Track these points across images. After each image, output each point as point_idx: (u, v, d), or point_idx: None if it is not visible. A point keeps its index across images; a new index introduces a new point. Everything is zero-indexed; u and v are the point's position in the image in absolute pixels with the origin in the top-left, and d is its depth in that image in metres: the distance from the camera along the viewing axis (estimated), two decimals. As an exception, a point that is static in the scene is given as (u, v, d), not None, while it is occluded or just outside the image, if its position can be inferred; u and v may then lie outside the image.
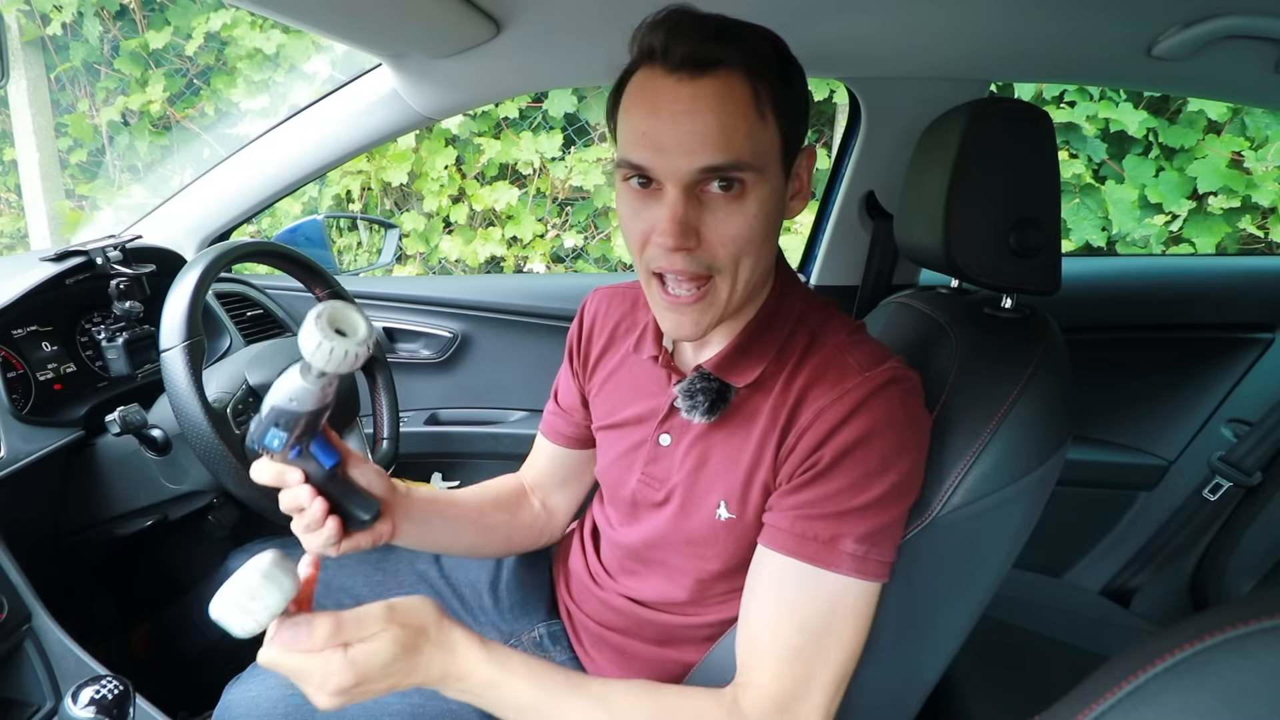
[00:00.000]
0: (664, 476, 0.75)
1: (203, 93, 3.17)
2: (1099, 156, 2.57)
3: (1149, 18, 0.95)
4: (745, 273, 0.63)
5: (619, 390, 0.81)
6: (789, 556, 0.63)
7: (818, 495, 0.63)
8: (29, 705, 0.80)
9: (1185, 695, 0.34)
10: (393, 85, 1.20)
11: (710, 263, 0.61)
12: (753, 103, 0.58)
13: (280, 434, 0.58)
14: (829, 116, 2.70)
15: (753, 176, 0.60)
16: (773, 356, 0.69)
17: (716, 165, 0.58)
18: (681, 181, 0.59)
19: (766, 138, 0.60)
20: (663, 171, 0.59)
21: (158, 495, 1.03)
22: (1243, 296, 1.51)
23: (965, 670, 1.03)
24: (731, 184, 0.59)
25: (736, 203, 0.60)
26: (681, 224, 0.59)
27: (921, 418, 0.67)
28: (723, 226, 0.60)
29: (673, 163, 0.58)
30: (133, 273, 1.07)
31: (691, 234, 0.60)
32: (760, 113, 0.59)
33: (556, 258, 3.10)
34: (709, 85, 0.57)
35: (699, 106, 0.57)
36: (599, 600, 0.84)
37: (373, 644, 0.57)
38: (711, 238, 0.60)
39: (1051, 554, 1.53)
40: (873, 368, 0.65)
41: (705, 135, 0.57)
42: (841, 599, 0.62)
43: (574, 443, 0.90)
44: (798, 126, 0.64)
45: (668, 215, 0.59)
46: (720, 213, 0.60)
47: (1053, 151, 0.78)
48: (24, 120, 3.26)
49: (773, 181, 0.62)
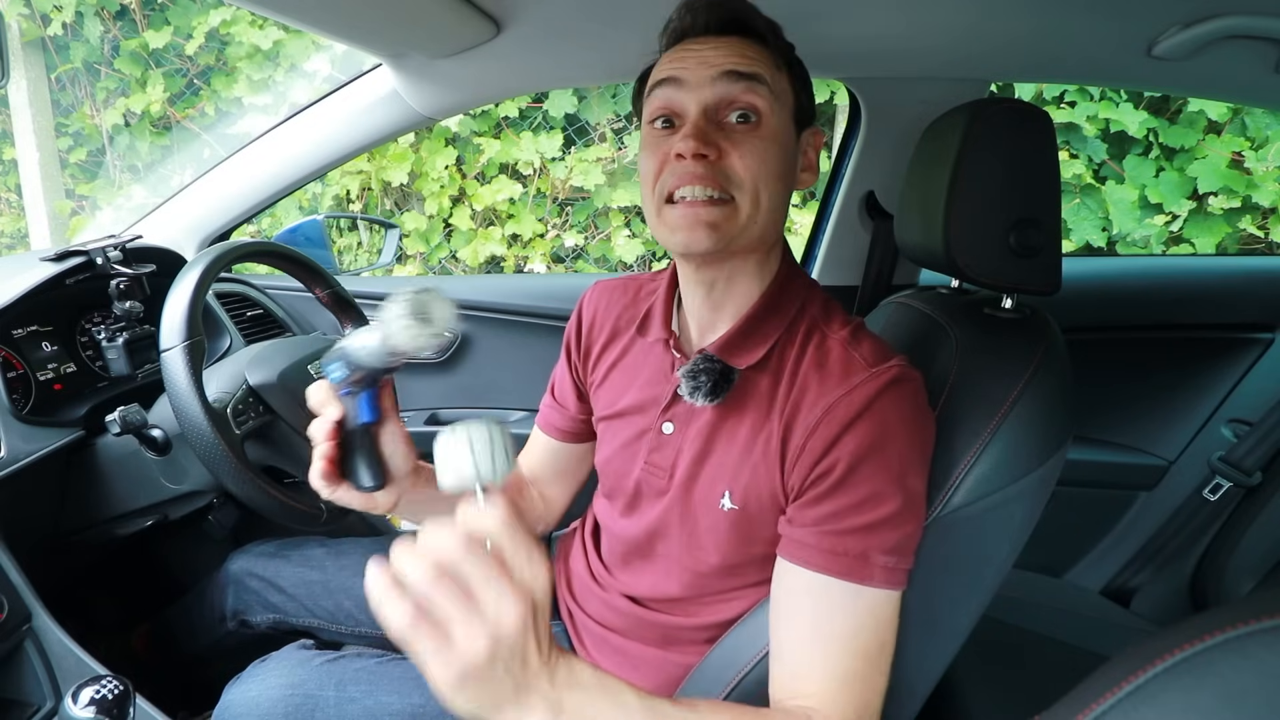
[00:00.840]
0: (667, 464, 0.75)
1: (203, 93, 3.17)
2: (1099, 156, 2.58)
3: (1149, 18, 0.95)
4: (765, 201, 0.65)
5: (621, 380, 0.81)
6: (820, 573, 0.62)
7: (840, 507, 0.62)
8: (29, 705, 0.80)
9: (1185, 695, 0.34)
10: (393, 85, 1.20)
11: (730, 176, 0.64)
12: (770, 56, 0.66)
13: (341, 370, 0.62)
14: (829, 116, 2.70)
15: (769, 103, 0.64)
16: (776, 339, 0.69)
17: (739, 70, 0.63)
18: (703, 99, 0.64)
19: (781, 86, 0.66)
20: (685, 98, 0.64)
21: (158, 495, 1.03)
22: (1243, 296, 1.51)
23: (965, 670, 1.03)
24: (748, 116, 0.64)
25: (754, 133, 0.64)
26: (702, 131, 0.63)
27: (929, 418, 0.67)
28: (741, 150, 0.64)
29: (697, 75, 0.64)
30: (133, 273, 1.07)
31: (712, 146, 0.63)
32: (777, 65, 0.66)
33: (556, 258, 3.10)
34: (732, 38, 0.65)
35: (722, 46, 0.65)
36: (601, 600, 0.84)
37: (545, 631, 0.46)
38: (733, 155, 0.64)
39: (1051, 554, 1.53)
40: (879, 363, 0.65)
41: (728, 56, 0.64)
42: (880, 612, 0.62)
43: (568, 436, 0.91)
44: (808, 102, 0.70)
45: (689, 127, 0.63)
46: (739, 138, 0.64)
47: (1053, 151, 0.78)
48: (24, 120, 3.26)
49: (785, 126, 0.66)
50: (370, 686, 0.82)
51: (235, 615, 1.04)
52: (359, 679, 0.83)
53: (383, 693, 0.82)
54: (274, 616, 1.02)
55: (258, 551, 1.07)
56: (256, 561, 1.05)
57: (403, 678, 0.83)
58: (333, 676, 0.83)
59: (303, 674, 0.84)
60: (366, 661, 0.86)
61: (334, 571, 1.02)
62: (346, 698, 0.81)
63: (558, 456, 0.93)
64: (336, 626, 1.00)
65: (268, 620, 1.03)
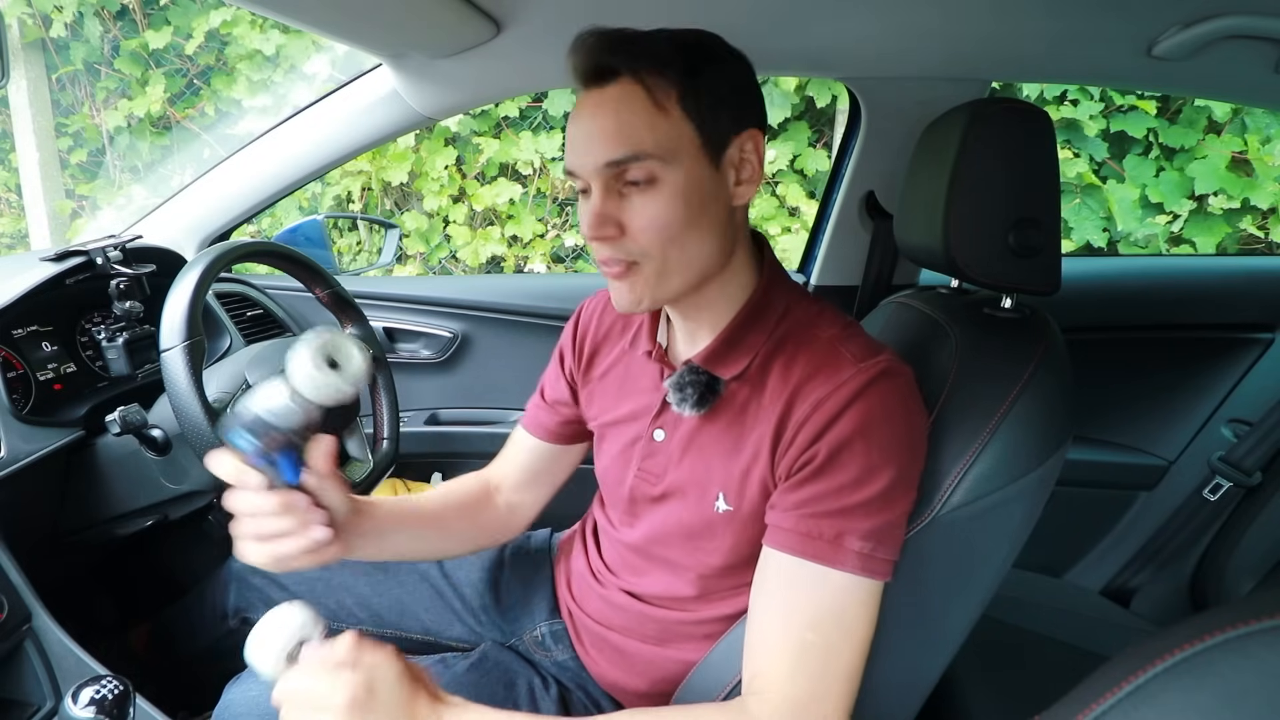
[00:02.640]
0: (660, 471, 0.75)
1: (203, 93, 3.17)
2: (1100, 156, 2.58)
3: (1149, 18, 0.95)
4: (676, 254, 0.65)
5: (616, 388, 0.82)
6: (794, 556, 0.63)
7: (819, 491, 0.63)
8: (29, 705, 0.80)
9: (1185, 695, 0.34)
10: (393, 85, 1.20)
11: (632, 249, 0.65)
12: (648, 101, 0.63)
13: (250, 440, 0.55)
14: (829, 117, 2.70)
15: (660, 167, 0.63)
16: (760, 348, 0.69)
17: (616, 159, 0.63)
18: (597, 178, 0.64)
19: (671, 132, 0.64)
20: (584, 172, 0.65)
21: (158, 495, 1.03)
22: (1243, 296, 1.51)
23: (965, 670, 1.03)
24: (641, 180, 0.64)
25: (650, 193, 0.64)
26: (599, 216, 0.64)
27: (918, 412, 0.67)
28: (640, 216, 0.64)
29: (584, 161, 0.65)
30: (133, 273, 1.07)
31: (610, 224, 0.64)
32: (660, 108, 0.63)
33: (556, 258, 3.10)
34: (610, 91, 0.64)
35: (601, 110, 0.64)
36: (600, 598, 0.84)
37: (384, 663, 0.60)
38: (633, 226, 0.65)
39: (1051, 554, 1.53)
40: (867, 359, 0.65)
41: (604, 133, 0.64)
42: (849, 597, 0.62)
43: (553, 436, 0.91)
44: (721, 116, 0.66)
45: (589, 209, 0.65)
46: (637, 203, 0.64)
47: (1053, 151, 0.78)
48: (24, 120, 3.26)
49: (690, 170, 0.64)
50: (371, 686, 0.83)
51: (237, 613, 1.04)
52: (359, 678, 0.83)
53: (383, 692, 0.82)
54: None
55: None
56: None
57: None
58: (333, 675, 0.83)
59: (304, 673, 0.84)
60: (367, 660, 0.86)
61: (335, 569, 1.02)
62: (347, 696, 0.81)
63: (537, 459, 0.93)
64: (338, 624, 1.00)
65: None
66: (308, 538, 0.63)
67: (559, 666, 0.89)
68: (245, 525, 0.63)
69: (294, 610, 0.57)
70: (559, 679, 0.87)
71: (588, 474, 0.91)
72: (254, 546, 0.63)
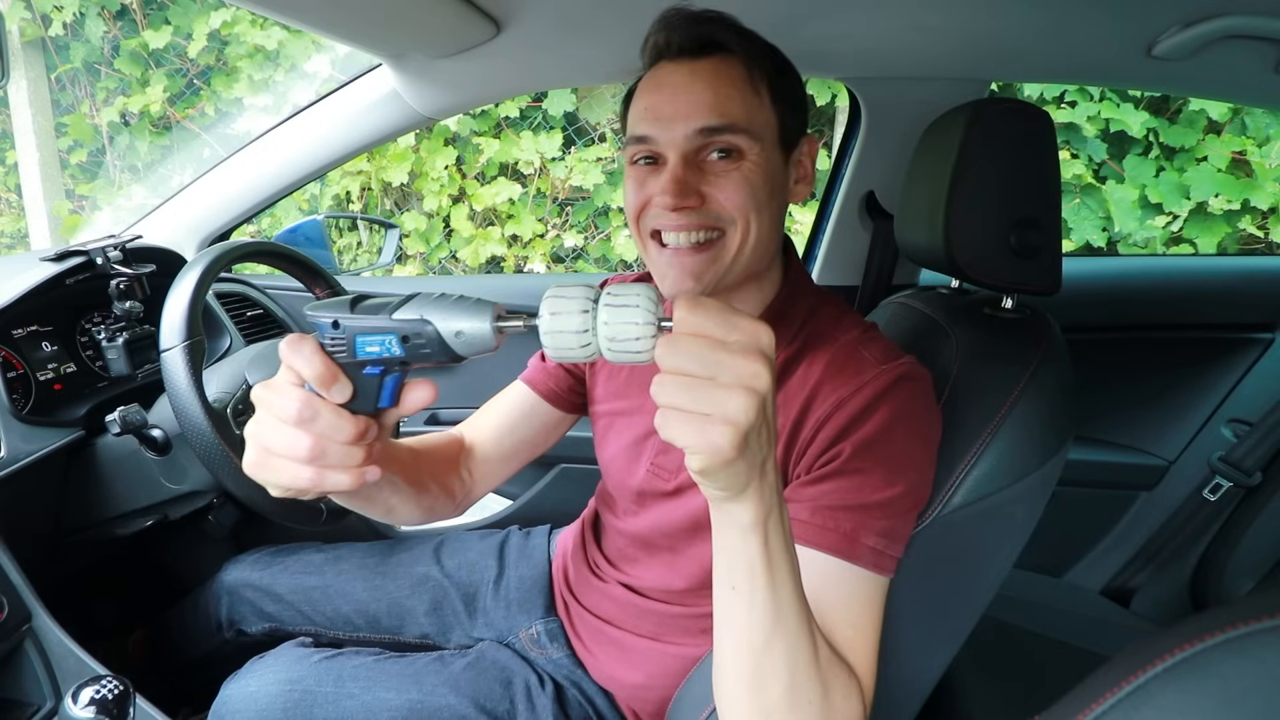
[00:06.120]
0: (674, 468, 0.75)
1: (203, 93, 3.17)
2: (1099, 156, 2.57)
3: (1149, 18, 0.95)
4: (754, 232, 0.65)
5: (622, 377, 0.82)
6: (808, 547, 0.62)
7: (840, 487, 0.62)
8: (29, 705, 0.80)
9: (1185, 695, 0.34)
10: (393, 85, 1.20)
11: (720, 215, 0.64)
12: (748, 80, 0.64)
13: (397, 347, 0.45)
14: (829, 116, 2.70)
15: (748, 143, 0.64)
16: (784, 351, 0.69)
17: (713, 125, 0.63)
18: (681, 147, 0.63)
19: (761, 114, 0.65)
20: (663, 140, 0.64)
21: (158, 495, 1.03)
22: (1243, 296, 1.51)
23: (965, 670, 1.03)
24: (729, 151, 0.64)
25: (735, 167, 0.64)
26: (681, 183, 0.63)
27: (937, 415, 0.67)
28: (724, 188, 0.64)
29: (672, 128, 0.63)
30: (133, 273, 1.07)
31: (692, 194, 0.63)
32: (755, 90, 0.64)
33: (556, 258, 3.10)
34: (706, 63, 0.64)
35: (697, 80, 0.63)
36: (599, 592, 0.84)
37: None
38: (717, 196, 0.64)
39: (1051, 554, 1.53)
40: (889, 361, 0.65)
41: (701, 102, 0.63)
42: (861, 591, 0.62)
43: (550, 395, 0.89)
44: (795, 116, 0.68)
45: (668, 176, 0.63)
46: (721, 176, 0.64)
47: (1053, 151, 0.78)
48: (24, 120, 3.26)
49: (770, 156, 0.65)
50: (368, 683, 0.83)
51: (231, 625, 1.04)
52: (357, 675, 0.83)
53: (380, 689, 0.82)
54: (270, 625, 1.02)
55: (252, 560, 1.06)
56: (251, 571, 1.04)
57: (400, 674, 0.84)
58: (331, 673, 0.84)
59: (301, 670, 0.84)
60: (364, 658, 0.86)
61: (332, 576, 1.02)
62: (344, 693, 0.82)
63: (528, 417, 0.89)
64: (334, 632, 1.00)
65: (263, 629, 1.02)
66: (360, 475, 0.50)
67: (554, 664, 0.89)
68: (303, 442, 0.48)
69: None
70: (554, 677, 0.87)
71: (587, 473, 0.91)
72: (293, 468, 0.49)
